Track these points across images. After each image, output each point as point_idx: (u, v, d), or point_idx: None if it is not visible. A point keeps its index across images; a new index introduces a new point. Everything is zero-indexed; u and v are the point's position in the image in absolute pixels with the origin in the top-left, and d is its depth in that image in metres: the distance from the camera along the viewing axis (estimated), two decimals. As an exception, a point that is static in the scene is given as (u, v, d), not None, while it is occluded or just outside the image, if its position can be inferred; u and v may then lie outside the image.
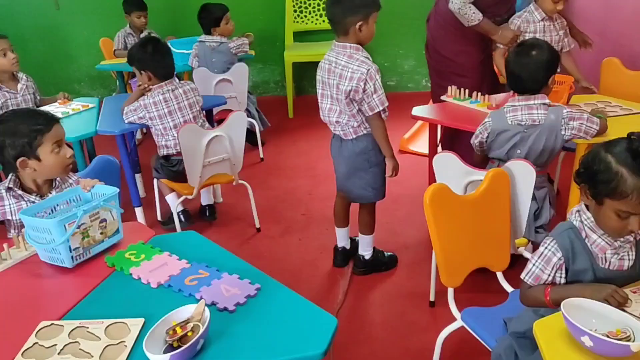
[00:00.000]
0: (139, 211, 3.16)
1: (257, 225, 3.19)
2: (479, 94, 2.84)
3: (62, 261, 1.65)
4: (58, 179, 1.93)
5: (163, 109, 2.85)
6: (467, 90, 2.89)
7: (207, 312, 1.33)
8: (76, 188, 1.83)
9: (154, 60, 2.84)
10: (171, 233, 1.90)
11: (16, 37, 3.30)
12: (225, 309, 1.43)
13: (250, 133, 3.81)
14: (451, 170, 2.03)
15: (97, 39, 5.00)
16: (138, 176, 3.52)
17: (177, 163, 2.94)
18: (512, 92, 2.30)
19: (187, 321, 1.32)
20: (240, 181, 3.03)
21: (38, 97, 3.37)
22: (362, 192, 2.57)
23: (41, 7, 5.39)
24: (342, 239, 2.77)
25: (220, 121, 3.17)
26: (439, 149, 3.01)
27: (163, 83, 2.87)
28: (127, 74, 4.53)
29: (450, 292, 1.85)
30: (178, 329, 1.29)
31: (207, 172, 2.84)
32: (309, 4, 5.24)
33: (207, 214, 3.26)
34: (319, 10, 5.25)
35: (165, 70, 2.87)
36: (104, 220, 1.73)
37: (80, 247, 1.67)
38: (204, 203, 3.28)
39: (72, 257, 1.65)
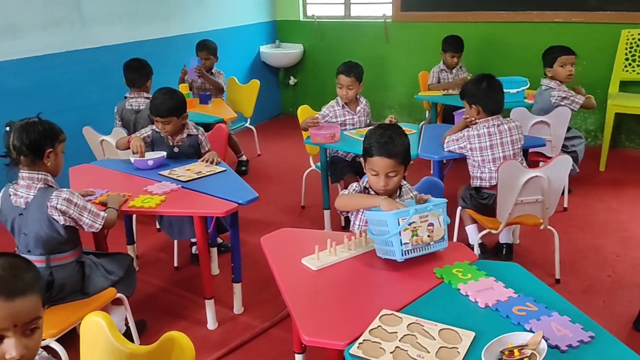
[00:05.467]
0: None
1: (557, 277, 3.05)
2: None
3: (393, 253, 1.85)
4: (404, 189, 2.19)
5: (485, 142, 2.95)
6: None
7: (544, 345, 1.35)
8: (413, 202, 2.04)
9: (486, 96, 2.96)
10: (495, 261, 1.96)
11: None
12: (557, 347, 1.43)
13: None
14: None
15: (415, 71, 5.43)
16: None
17: (487, 196, 3.01)
18: None
19: (523, 347, 1.36)
20: (549, 227, 2.94)
21: (369, 120, 3.84)
22: None
23: (375, 40, 6.11)
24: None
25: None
26: None
27: (490, 118, 2.97)
28: (441, 105, 4.80)
29: None
30: (516, 352, 1.33)
31: (517, 210, 2.83)
32: (645, 53, 4.79)
33: (504, 252, 3.23)
34: (657, 59, 4.76)
35: (495, 106, 2.97)
36: (432, 224, 1.88)
37: (409, 243, 1.85)
38: (501, 241, 3.27)
39: (402, 250, 1.84)
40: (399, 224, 1.82)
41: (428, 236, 1.88)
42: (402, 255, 1.84)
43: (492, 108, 2.97)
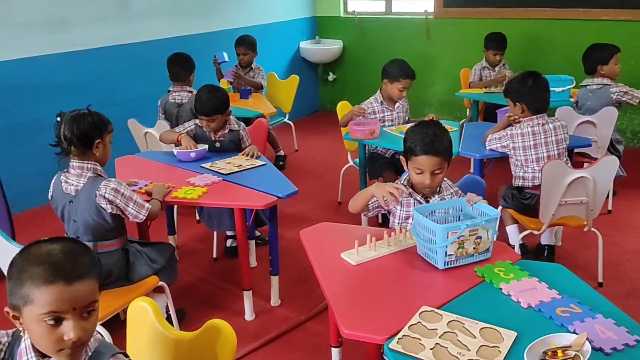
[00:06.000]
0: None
1: (600, 280, 2.97)
2: None
3: (435, 261, 1.85)
4: (443, 185, 2.17)
5: (529, 141, 2.90)
6: None
7: (588, 346, 1.33)
8: (461, 199, 2.02)
9: (531, 94, 2.90)
10: (538, 261, 1.93)
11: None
12: (601, 349, 1.40)
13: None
14: None
15: (457, 68, 5.37)
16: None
17: (530, 196, 2.95)
18: None
19: (566, 348, 1.34)
20: (592, 229, 2.87)
21: (408, 117, 3.82)
22: None
23: (415, 36, 6.05)
24: None
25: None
26: None
27: (534, 116, 2.91)
28: (482, 103, 4.74)
29: None
30: (559, 353, 1.32)
31: (560, 211, 2.78)
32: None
33: (545, 254, 3.17)
34: None
35: (540, 104, 2.91)
36: (480, 237, 1.85)
37: (453, 254, 1.83)
38: (543, 242, 3.21)
39: (445, 261, 1.83)
40: (447, 237, 1.80)
41: (474, 248, 1.85)
42: (444, 265, 1.83)
43: (537, 106, 2.91)
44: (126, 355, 1.27)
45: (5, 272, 2.15)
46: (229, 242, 3.40)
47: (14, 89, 3.90)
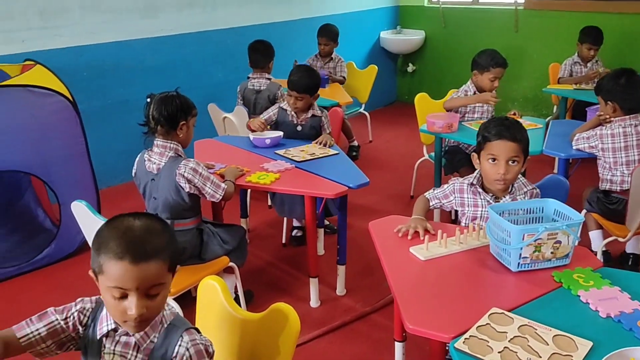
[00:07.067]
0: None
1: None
2: None
3: (508, 262, 1.77)
4: (516, 184, 2.08)
5: (620, 142, 2.72)
6: None
7: (674, 366, 1.23)
8: (543, 200, 1.93)
9: (624, 93, 2.73)
10: (622, 270, 1.81)
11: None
12: (689, 371, 1.29)
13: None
14: None
15: (545, 63, 5.12)
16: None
17: (617, 201, 2.78)
18: None
19: (648, 365, 1.25)
20: (685, 240, 2.66)
21: (493, 114, 3.69)
22: None
23: (502, 28, 5.82)
24: None
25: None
26: None
27: (627, 117, 2.73)
28: (571, 100, 4.49)
29: None
30: (641, 369, 1.23)
31: (650, 219, 2.59)
32: None
33: (630, 262, 2.98)
34: None
35: (633, 104, 2.72)
36: (559, 242, 1.75)
37: (528, 257, 1.75)
38: (628, 250, 3.01)
39: (518, 263, 1.75)
40: (523, 239, 1.72)
41: (551, 253, 1.76)
42: (517, 267, 1.75)
43: (630, 106, 2.73)
44: (198, 331, 1.31)
45: (89, 242, 2.28)
46: (294, 232, 3.44)
47: (106, 70, 4.12)
